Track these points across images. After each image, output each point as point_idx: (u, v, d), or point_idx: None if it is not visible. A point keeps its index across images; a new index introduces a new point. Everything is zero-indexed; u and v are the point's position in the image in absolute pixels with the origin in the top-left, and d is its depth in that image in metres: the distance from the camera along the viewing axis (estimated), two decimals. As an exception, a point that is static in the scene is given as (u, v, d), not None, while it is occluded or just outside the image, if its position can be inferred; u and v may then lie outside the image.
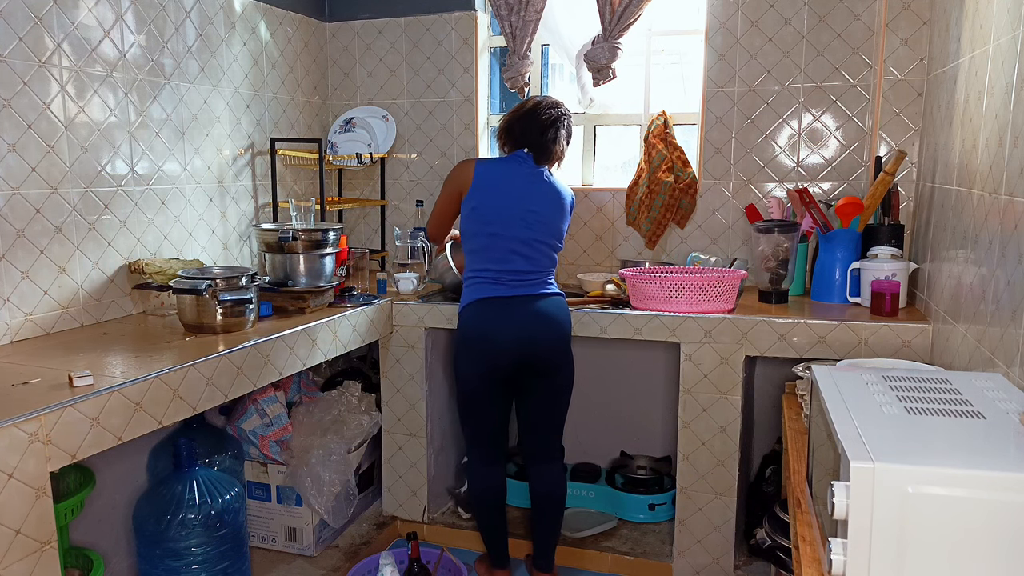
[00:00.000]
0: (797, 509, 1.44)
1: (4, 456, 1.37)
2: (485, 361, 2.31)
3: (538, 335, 2.29)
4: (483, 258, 2.33)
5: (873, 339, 2.25)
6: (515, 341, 2.28)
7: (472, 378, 2.34)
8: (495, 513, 2.50)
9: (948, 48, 2.23)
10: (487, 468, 2.47)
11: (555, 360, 2.34)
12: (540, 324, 2.30)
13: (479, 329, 2.31)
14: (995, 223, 1.65)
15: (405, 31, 3.29)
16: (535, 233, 2.32)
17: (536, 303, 2.31)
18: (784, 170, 2.87)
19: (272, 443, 2.55)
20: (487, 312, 2.30)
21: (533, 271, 2.33)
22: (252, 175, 2.92)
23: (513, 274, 2.31)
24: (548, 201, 2.35)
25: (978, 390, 1.31)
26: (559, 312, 2.34)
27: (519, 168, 2.36)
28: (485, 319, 2.30)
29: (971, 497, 0.96)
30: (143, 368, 1.75)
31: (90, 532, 2.22)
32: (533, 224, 2.32)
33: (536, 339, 2.29)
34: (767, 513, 2.20)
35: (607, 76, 2.94)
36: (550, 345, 2.32)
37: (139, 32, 2.34)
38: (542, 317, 2.30)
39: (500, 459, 2.49)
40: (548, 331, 2.31)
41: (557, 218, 2.37)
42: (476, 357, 2.32)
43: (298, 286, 2.42)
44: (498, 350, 2.28)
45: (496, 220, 2.30)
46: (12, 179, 1.97)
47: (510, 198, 2.31)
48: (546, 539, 2.50)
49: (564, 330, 2.35)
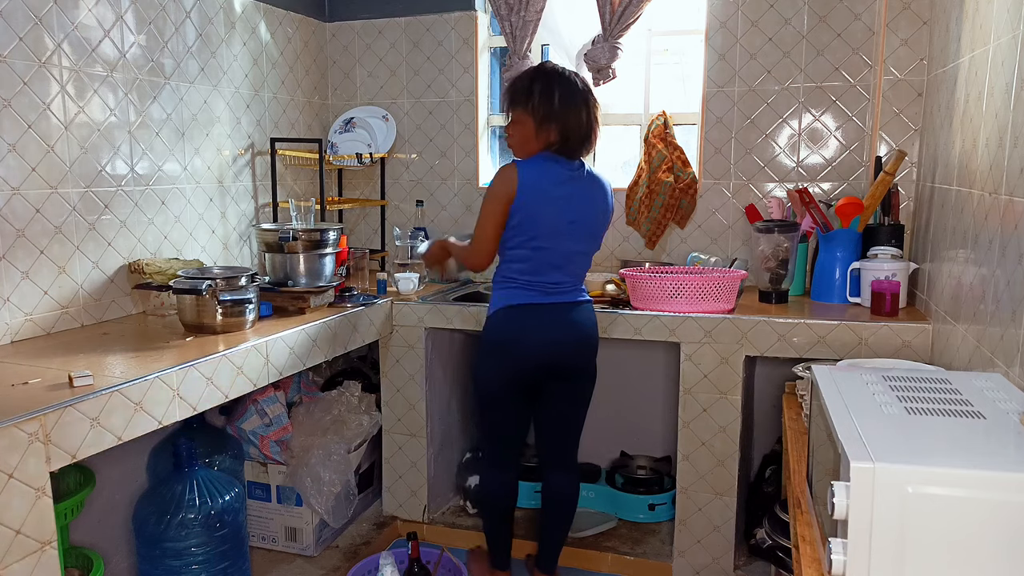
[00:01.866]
0: (797, 509, 1.44)
1: (4, 456, 1.37)
2: (512, 366, 2.25)
3: (567, 339, 2.25)
4: (520, 268, 2.23)
5: (873, 339, 2.25)
6: (544, 344, 2.22)
7: (496, 381, 2.28)
8: (504, 517, 2.47)
9: (948, 48, 2.23)
10: (500, 472, 2.43)
11: (580, 365, 2.30)
12: (570, 329, 2.25)
13: (510, 333, 2.24)
14: (995, 223, 1.65)
15: (405, 31, 3.29)
16: (576, 245, 2.25)
17: (569, 310, 2.26)
18: (784, 170, 2.87)
19: (272, 443, 2.55)
20: (520, 317, 2.22)
21: (568, 280, 2.27)
22: (252, 175, 2.92)
23: (550, 284, 2.24)
24: (590, 206, 2.24)
25: (978, 390, 1.31)
26: (589, 318, 2.31)
27: (560, 171, 2.19)
28: (517, 324, 2.23)
29: (971, 497, 0.96)
30: (143, 368, 1.75)
31: (90, 532, 2.23)
32: (575, 236, 2.23)
33: (565, 342, 2.25)
34: (767, 513, 2.21)
35: (607, 76, 2.94)
36: (577, 350, 2.27)
37: (139, 32, 2.34)
38: (573, 323, 2.25)
39: (514, 464, 2.46)
40: (577, 335, 2.26)
41: (599, 223, 2.29)
42: (503, 361, 2.25)
43: (298, 286, 2.42)
44: (526, 355, 2.23)
45: (540, 235, 2.18)
46: (12, 179, 1.97)
47: (554, 209, 2.17)
48: (554, 543, 2.49)
49: (593, 336, 2.31)
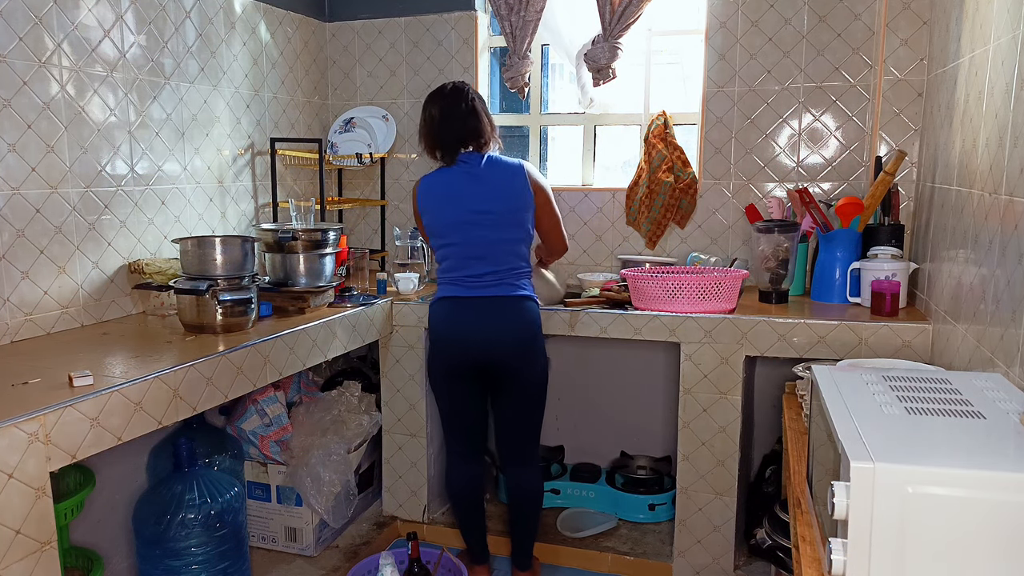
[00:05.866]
0: (797, 509, 1.44)
1: (4, 456, 1.37)
2: (443, 358, 2.36)
3: (491, 335, 2.28)
4: (444, 266, 2.36)
5: (873, 339, 2.25)
6: (468, 341, 2.30)
7: (434, 372, 2.44)
8: (470, 508, 2.50)
9: (948, 48, 2.23)
10: (461, 463, 2.48)
11: (513, 363, 2.31)
12: (493, 325, 2.28)
13: (436, 328, 2.37)
14: (995, 223, 1.65)
15: (405, 31, 3.29)
16: (491, 233, 2.27)
17: (492, 304, 2.29)
18: (784, 170, 2.87)
19: (272, 443, 2.55)
20: (444, 311, 2.34)
21: (492, 272, 2.28)
22: (252, 175, 2.92)
23: (471, 277, 2.29)
24: (498, 193, 2.28)
25: (978, 390, 1.31)
26: (517, 314, 2.29)
27: (457, 170, 2.30)
28: (441, 318, 2.34)
29: (971, 497, 0.96)
30: (143, 368, 1.75)
31: (90, 532, 2.22)
32: (486, 225, 2.27)
33: (490, 339, 2.29)
34: (767, 513, 2.20)
35: (607, 76, 2.94)
36: (505, 347, 2.29)
37: (139, 32, 2.34)
38: (496, 318, 2.29)
39: (474, 455, 2.50)
40: (502, 332, 2.28)
41: (515, 207, 2.29)
42: (435, 353, 2.39)
43: (298, 286, 2.42)
44: (453, 349, 2.33)
45: (446, 232, 2.30)
46: (12, 179, 1.97)
47: (454, 205, 2.28)
48: (524, 538, 2.51)
49: (521, 332, 2.30)
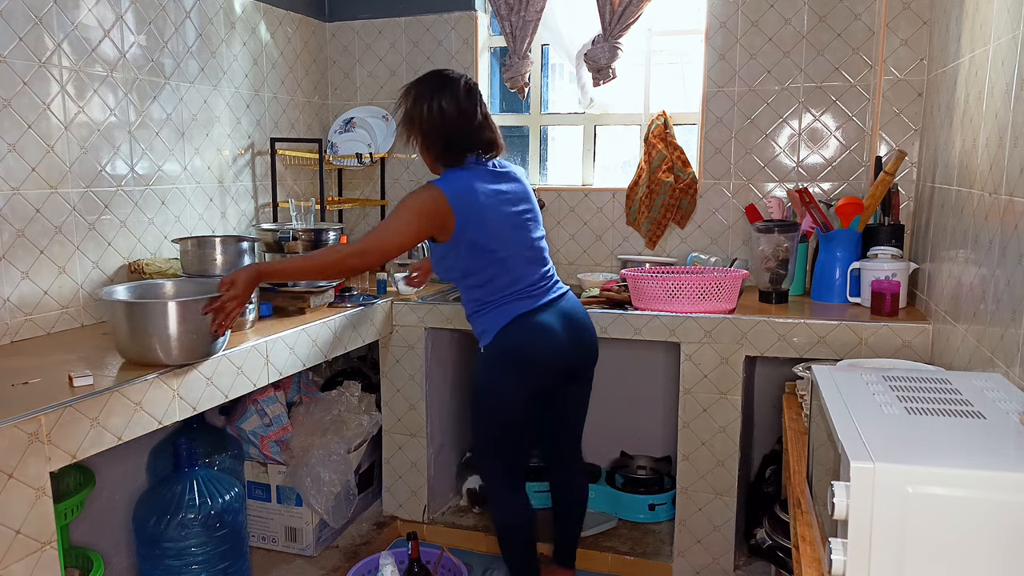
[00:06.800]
0: (797, 509, 1.44)
1: (4, 456, 1.37)
2: (534, 377, 2.09)
3: (580, 335, 2.14)
4: (500, 283, 2.07)
5: (873, 339, 2.25)
6: (559, 352, 2.10)
7: (515, 398, 2.09)
8: (531, 543, 2.28)
9: (948, 48, 2.23)
10: (518, 493, 2.24)
11: (591, 361, 2.24)
12: (578, 325, 2.14)
13: (523, 349, 2.07)
14: (995, 223, 1.65)
15: (405, 31, 3.29)
16: (535, 231, 2.16)
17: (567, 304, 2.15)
18: (784, 170, 2.87)
19: (272, 443, 2.55)
20: (529, 329, 2.06)
21: (547, 272, 2.16)
22: (252, 175, 2.92)
23: (532, 285, 2.10)
24: (524, 188, 2.15)
25: (978, 390, 1.30)
26: (584, 310, 2.21)
27: (480, 170, 2.07)
28: (529, 339, 2.07)
29: (971, 497, 0.96)
30: (143, 368, 1.74)
31: (90, 532, 2.22)
32: (530, 224, 2.13)
33: (579, 340, 2.14)
34: (767, 513, 2.20)
35: (607, 76, 2.94)
36: (588, 346, 2.19)
37: (139, 32, 2.34)
38: (577, 318, 2.15)
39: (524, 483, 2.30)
40: (585, 331, 2.16)
41: (536, 203, 2.20)
42: (524, 378, 2.08)
43: (298, 286, 2.42)
44: (547, 363, 2.09)
45: (498, 244, 2.04)
46: (12, 179, 1.97)
47: (499, 213, 2.05)
48: (573, 539, 2.46)
49: (593, 327, 2.22)
